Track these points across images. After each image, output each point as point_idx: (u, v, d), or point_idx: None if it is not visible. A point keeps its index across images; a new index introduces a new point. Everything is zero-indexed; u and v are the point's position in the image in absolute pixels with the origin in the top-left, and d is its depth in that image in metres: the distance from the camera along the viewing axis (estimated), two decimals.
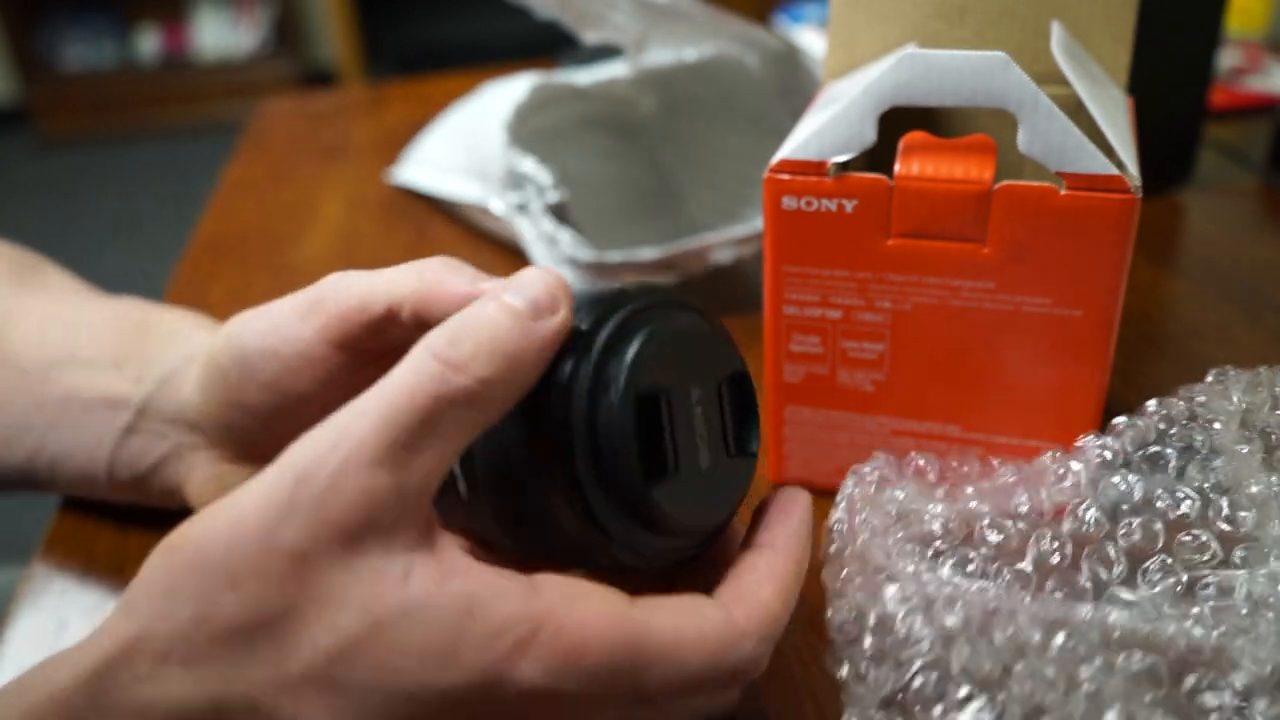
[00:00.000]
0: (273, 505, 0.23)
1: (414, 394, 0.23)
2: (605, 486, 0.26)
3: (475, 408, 0.24)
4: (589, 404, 0.25)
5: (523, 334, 0.24)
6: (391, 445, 0.23)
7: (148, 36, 3.10)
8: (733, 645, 0.25)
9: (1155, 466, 0.32)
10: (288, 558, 0.23)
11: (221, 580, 0.23)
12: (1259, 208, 0.63)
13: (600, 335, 0.26)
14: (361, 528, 0.23)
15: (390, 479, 0.23)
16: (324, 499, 0.23)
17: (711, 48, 0.58)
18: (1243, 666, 0.26)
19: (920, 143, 0.34)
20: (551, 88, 0.59)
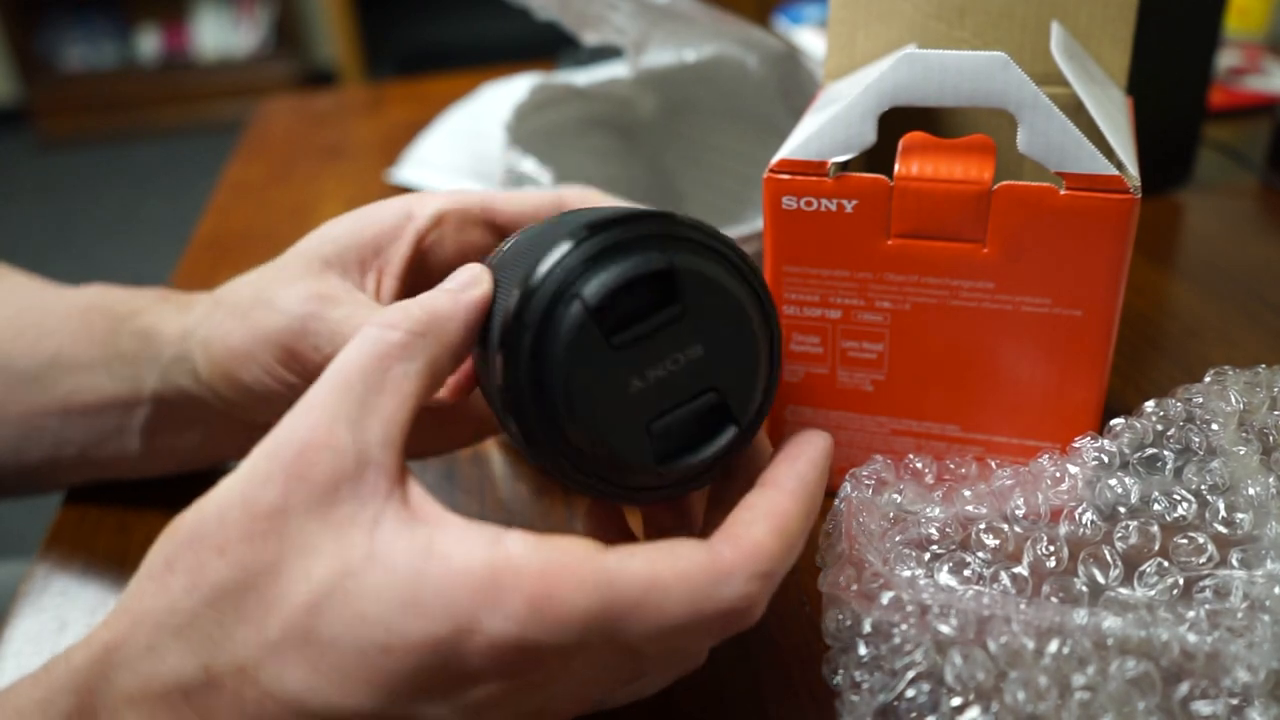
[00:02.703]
0: (254, 475, 0.25)
1: (360, 357, 0.26)
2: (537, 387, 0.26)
3: (413, 358, 0.26)
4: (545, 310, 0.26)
5: (449, 300, 0.27)
6: (348, 404, 0.25)
7: (148, 37, 3.10)
8: (717, 584, 0.24)
9: (1152, 468, 0.32)
10: (266, 517, 0.24)
11: (211, 547, 0.24)
12: (1258, 208, 0.63)
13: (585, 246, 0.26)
14: (332, 481, 0.24)
15: (350, 434, 0.25)
16: (296, 461, 0.24)
17: (711, 49, 0.58)
18: (1238, 673, 0.26)
19: (920, 143, 0.34)
20: (551, 88, 0.59)
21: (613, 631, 0.24)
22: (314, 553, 0.24)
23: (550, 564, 0.23)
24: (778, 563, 0.25)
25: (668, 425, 0.27)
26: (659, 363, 0.27)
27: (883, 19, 0.41)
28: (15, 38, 2.97)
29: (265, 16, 3.10)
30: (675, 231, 0.27)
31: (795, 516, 0.26)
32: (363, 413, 0.25)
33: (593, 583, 0.23)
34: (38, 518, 0.47)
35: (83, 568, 0.40)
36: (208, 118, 3.04)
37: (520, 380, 0.26)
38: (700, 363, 0.27)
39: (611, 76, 0.60)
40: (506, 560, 0.23)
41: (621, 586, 0.23)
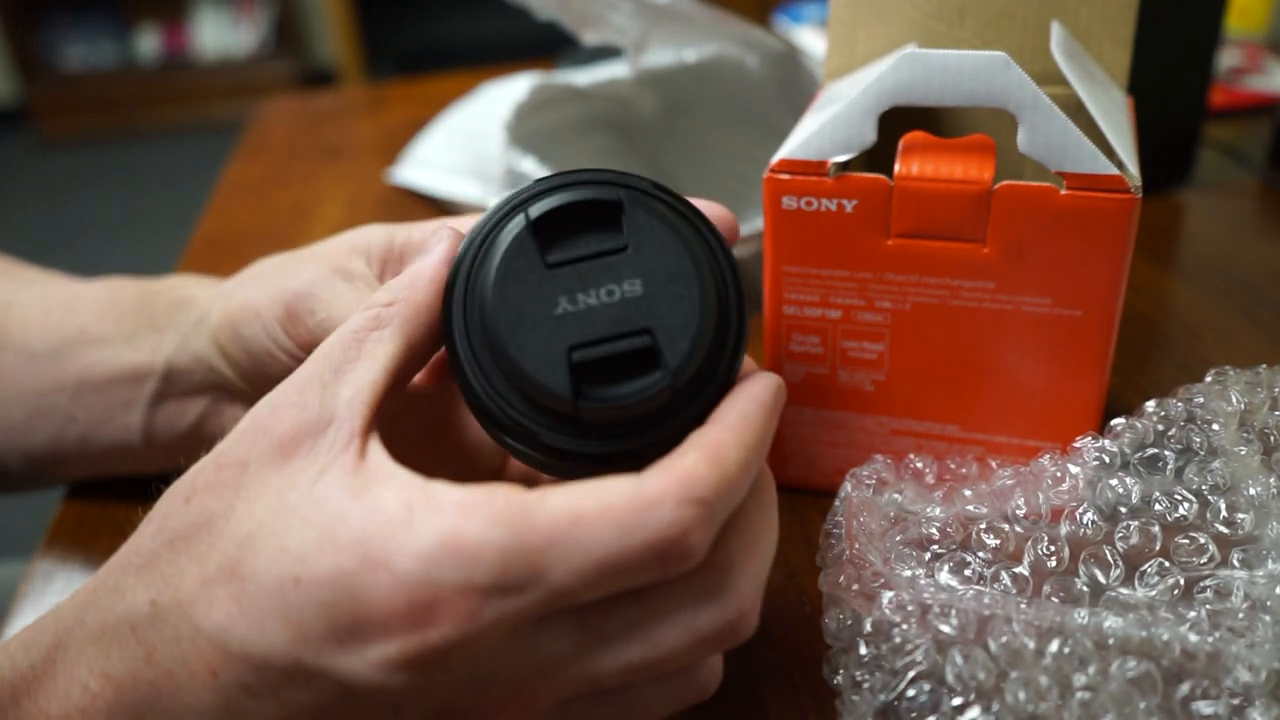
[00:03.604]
0: (229, 436, 0.26)
1: (341, 333, 0.27)
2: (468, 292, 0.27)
3: (384, 323, 0.27)
4: None
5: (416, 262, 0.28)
6: (322, 370, 0.26)
7: (148, 36, 3.10)
8: (643, 512, 0.22)
9: (1153, 468, 0.32)
10: (230, 466, 0.25)
11: (180, 497, 0.26)
12: (1259, 208, 0.63)
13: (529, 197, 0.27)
14: (292, 435, 0.25)
15: (319, 394, 0.26)
16: (265, 418, 0.26)
17: (711, 48, 0.58)
18: (1239, 673, 0.26)
19: (920, 143, 0.34)
20: (551, 88, 0.59)
21: (531, 570, 0.22)
22: (260, 497, 0.25)
23: (461, 501, 0.22)
24: (712, 490, 0.23)
25: (592, 358, 0.25)
26: (592, 290, 0.26)
27: (883, 19, 0.41)
28: (15, 38, 2.97)
29: (265, 16, 3.10)
30: (637, 184, 0.27)
31: (731, 445, 0.24)
32: (334, 376, 0.26)
33: (506, 517, 0.22)
34: (38, 517, 0.47)
35: (83, 567, 0.40)
36: (208, 118, 3.04)
37: (458, 296, 0.27)
38: (638, 302, 0.26)
39: (611, 76, 0.60)
40: (424, 499, 0.23)
41: (538, 521, 0.22)
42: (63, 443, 0.41)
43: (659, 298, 0.26)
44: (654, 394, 0.26)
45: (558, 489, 0.23)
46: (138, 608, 0.25)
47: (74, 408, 0.40)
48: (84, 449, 0.41)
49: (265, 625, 0.23)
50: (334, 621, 0.22)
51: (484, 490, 0.23)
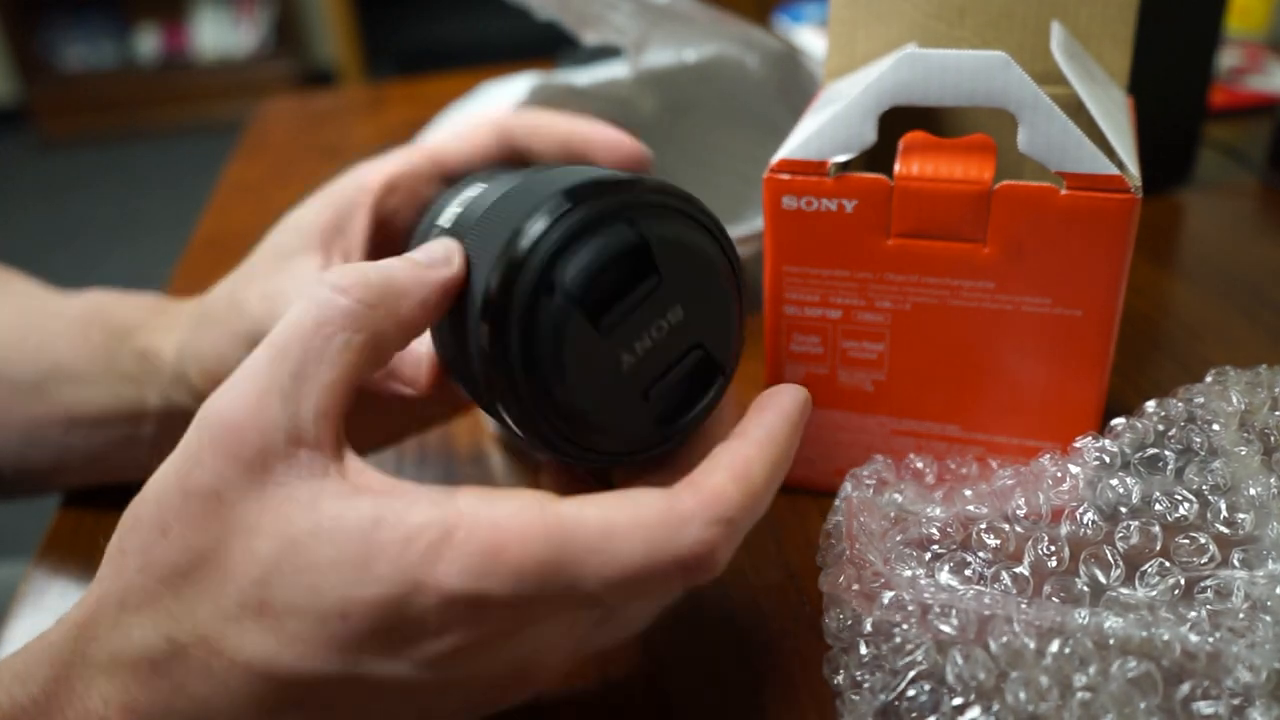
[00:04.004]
0: (186, 453, 0.25)
1: (300, 323, 0.25)
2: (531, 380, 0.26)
3: (359, 330, 0.25)
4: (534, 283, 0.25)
5: (411, 271, 0.26)
6: (281, 376, 0.24)
7: (148, 36, 3.10)
8: (675, 530, 0.23)
9: (1153, 468, 0.32)
10: (203, 497, 0.24)
11: (154, 529, 0.25)
12: (1259, 208, 0.63)
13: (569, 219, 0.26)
14: (264, 458, 0.24)
15: (283, 407, 0.24)
16: (226, 438, 0.24)
17: (711, 49, 0.58)
18: (1239, 673, 0.26)
19: (920, 143, 0.34)
20: (551, 88, 0.59)
21: (569, 581, 0.23)
22: (255, 532, 0.24)
23: (502, 516, 0.23)
24: (738, 510, 0.24)
25: (661, 390, 0.27)
26: (645, 334, 0.27)
27: (883, 19, 0.41)
28: (15, 38, 2.97)
29: (265, 16, 3.10)
30: (643, 199, 0.27)
31: (759, 464, 0.25)
32: (296, 384, 0.24)
33: (545, 533, 0.23)
34: (38, 518, 0.47)
35: (82, 568, 0.40)
36: (207, 118, 3.04)
37: (513, 370, 0.26)
38: (682, 324, 0.27)
39: (611, 76, 0.60)
40: (458, 515, 0.23)
41: (575, 535, 0.23)
42: (66, 462, 0.41)
43: (699, 312, 0.28)
44: (718, 395, 0.29)
45: (591, 501, 0.24)
46: (153, 645, 0.24)
47: (70, 439, 0.40)
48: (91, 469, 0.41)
49: (313, 653, 0.24)
50: (387, 639, 0.23)
51: (515, 502, 0.24)
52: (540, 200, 0.26)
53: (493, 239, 0.26)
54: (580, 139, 0.35)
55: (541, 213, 0.26)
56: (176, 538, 0.24)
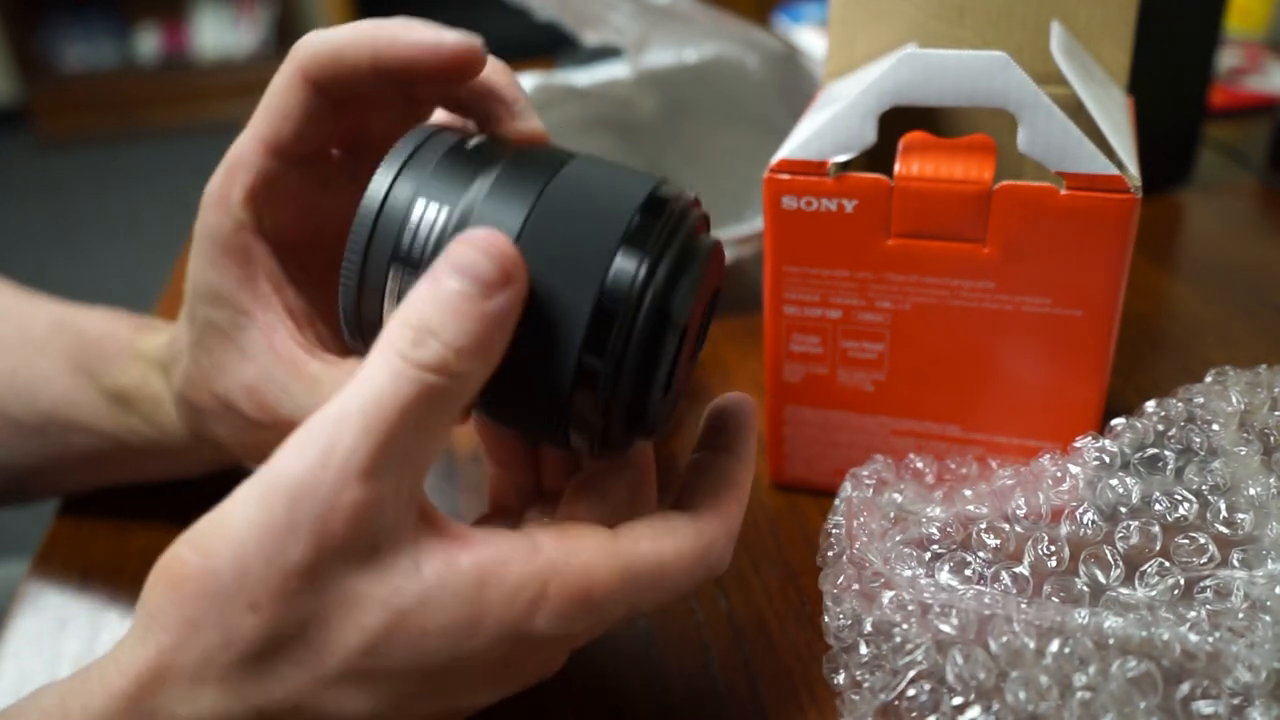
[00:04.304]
0: (274, 529, 0.23)
1: (394, 400, 0.23)
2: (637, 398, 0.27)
3: (453, 398, 0.25)
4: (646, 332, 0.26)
5: (481, 318, 0.24)
6: (381, 454, 0.23)
7: (148, 36, 3.10)
8: (706, 555, 0.28)
9: (1153, 468, 0.32)
10: (300, 576, 0.23)
11: (239, 606, 0.23)
12: (1259, 208, 0.63)
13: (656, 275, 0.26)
14: (368, 537, 0.23)
15: (387, 486, 0.24)
16: (324, 517, 0.23)
17: (711, 49, 0.58)
18: (1239, 672, 0.26)
19: (920, 143, 0.34)
20: (551, 88, 0.59)
21: (633, 606, 0.27)
22: (360, 605, 0.24)
23: (586, 563, 0.25)
24: (739, 522, 0.29)
25: None
26: None
27: (883, 19, 0.41)
28: (15, 37, 2.97)
29: (265, 16, 3.10)
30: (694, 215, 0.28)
31: (749, 478, 0.30)
32: (400, 463, 0.24)
33: (619, 575, 0.26)
34: (38, 518, 0.47)
35: (82, 569, 0.40)
36: (207, 118, 3.04)
37: (617, 389, 0.26)
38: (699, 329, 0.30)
39: (611, 76, 0.60)
40: (551, 568, 0.25)
41: (639, 572, 0.26)
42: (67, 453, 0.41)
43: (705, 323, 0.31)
44: None
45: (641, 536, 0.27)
46: (236, 715, 0.24)
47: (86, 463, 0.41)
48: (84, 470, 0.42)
49: (418, 701, 0.25)
50: (486, 675, 0.26)
51: (589, 545, 0.26)
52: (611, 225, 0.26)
53: (566, 267, 0.26)
54: (393, 58, 0.29)
55: (636, 245, 0.26)
56: (269, 615, 0.23)
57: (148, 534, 0.41)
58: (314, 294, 0.33)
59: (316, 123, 0.30)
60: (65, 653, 0.36)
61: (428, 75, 0.29)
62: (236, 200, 0.31)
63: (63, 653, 0.36)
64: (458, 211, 0.27)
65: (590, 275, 0.26)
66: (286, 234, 0.32)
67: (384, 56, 0.28)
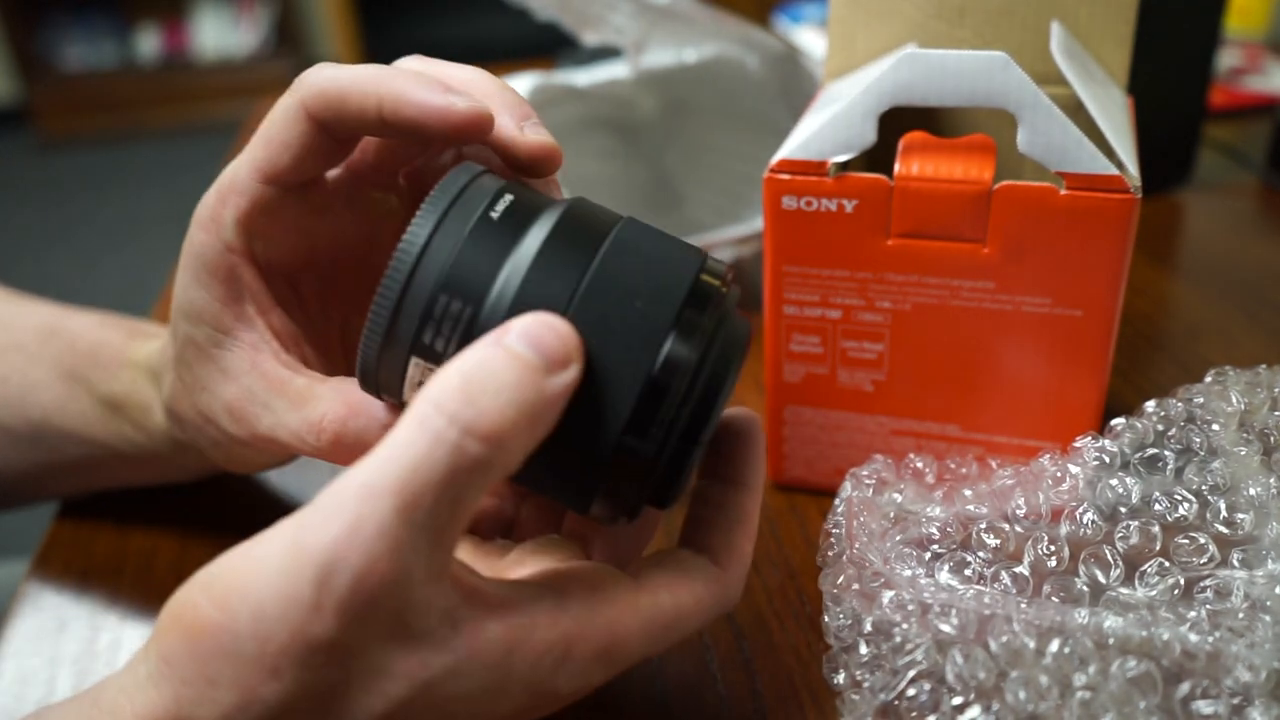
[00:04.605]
0: (299, 601, 0.22)
1: (431, 472, 0.22)
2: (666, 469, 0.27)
3: (494, 472, 0.23)
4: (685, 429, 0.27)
5: (538, 393, 0.23)
6: (415, 528, 0.22)
7: (148, 36, 3.10)
8: (721, 598, 0.28)
9: (1153, 468, 0.32)
10: (326, 649, 0.22)
11: (262, 671, 0.22)
12: (1259, 208, 0.63)
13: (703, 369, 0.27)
14: (399, 614, 0.23)
15: (418, 561, 0.23)
16: (353, 596, 0.22)
17: (711, 49, 0.58)
18: (1238, 672, 0.26)
19: (920, 143, 0.34)
20: (551, 88, 0.59)
21: (648, 652, 0.27)
22: (386, 675, 0.23)
23: (610, 622, 0.26)
24: (751, 558, 0.30)
25: None
26: None
27: (883, 19, 0.41)
28: (15, 38, 2.97)
29: (265, 16, 3.10)
30: (729, 303, 0.28)
31: (758, 512, 0.30)
32: (435, 537, 0.23)
33: (642, 628, 0.26)
34: (38, 519, 0.47)
35: (82, 569, 0.40)
36: (207, 118, 3.04)
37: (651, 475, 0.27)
38: None
39: (611, 76, 0.60)
40: (578, 630, 0.25)
41: (659, 622, 0.27)
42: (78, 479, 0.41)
43: None
44: None
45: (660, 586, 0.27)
46: None
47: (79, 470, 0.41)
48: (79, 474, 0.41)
49: None
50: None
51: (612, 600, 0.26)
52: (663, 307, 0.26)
53: (617, 346, 0.26)
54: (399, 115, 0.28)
55: (683, 333, 0.26)
56: (291, 682, 0.22)
57: (147, 534, 0.41)
58: (303, 316, 0.33)
59: (316, 155, 0.30)
60: (65, 653, 0.36)
61: (433, 135, 0.28)
62: (228, 223, 0.30)
63: (63, 653, 0.36)
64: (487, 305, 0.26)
65: (641, 358, 0.25)
66: (278, 257, 0.32)
67: (389, 110, 0.28)
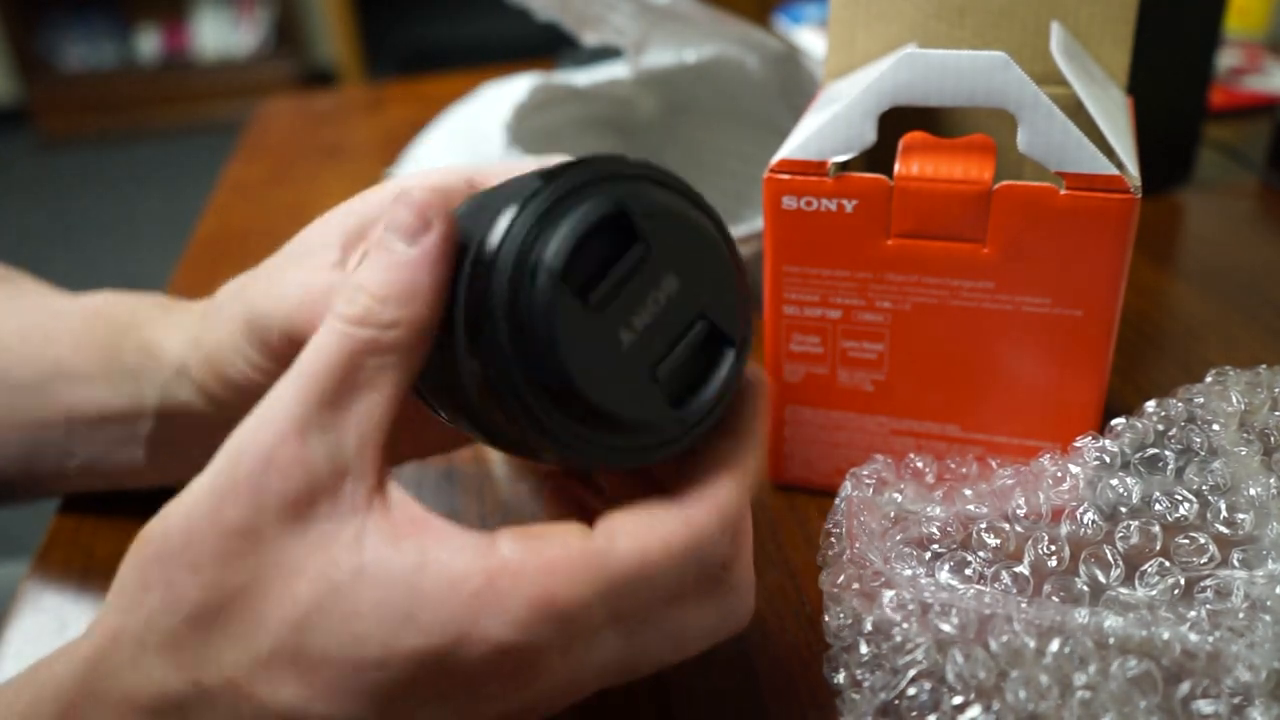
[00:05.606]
0: (216, 488, 0.23)
1: (326, 356, 0.24)
2: (528, 375, 0.24)
3: (387, 352, 0.24)
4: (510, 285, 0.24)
5: (406, 265, 0.24)
6: (317, 410, 0.23)
7: (148, 36, 3.10)
8: (696, 547, 0.25)
9: (1153, 468, 0.32)
10: (238, 536, 0.23)
11: (183, 565, 0.23)
12: (1259, 208, 0.63)
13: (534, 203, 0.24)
14: (304, 495, 0.23)
15: (322, 442, 0.23)
16: (262, 474, 0.23)
17: (711, 49, 0.58)
18: (1239, 672, 0.26)
19: (920, 143, 0.34)
20: (551, 89, 0.59)
21: (614, 612, 0.24)
22: (295, 572, 0.23)
23: (545, 563, 0.23)
24: (739, 511, 0.26)
25: (670, 367, 0.25)
26: (641, 307, 0.25)
27: (883, 19, 0.41)
28: (15, 37, 2.97)
29: (265, 16, 3.10)
30: (620, 170, 0.26)
31: (751, 464, 0.27)
32: (334, 416, 0.24)
33: (588, 575, 0.23)
34: (38, 519, 0.47)
35: (82, 569, 0.40)
36: (208, 118, 3.04)
37: (505, 372, 0.24)
38: (681, 294, 0.26)
39: (611, 77, 0.60)
40: (503, 566, 0.23)
41: (614, 571, 0.24)
42: (65, 470, 0.40)
43: (696, 282, 0.26)
44: (732, 370, 0.26)
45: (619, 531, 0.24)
46: (175, 687, 0.24)
47: (70, 443, 0.40)
48: (89, 474, 0.41)
49: (348, 701, 0.23)
50: (426, 689, 0.23)
51: (555, 544, 0.24)
52: (514, 190, 0.25)
53: (468, 236, 0.25)
54: None
55: (513, 201, 0.24)
56: (208, 576, 0.23)
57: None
58: None
59: None
60: None
61: None
62: None
63: None
64: None
65: (474, 237, 0.24)
66: None
67: None
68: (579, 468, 0.27)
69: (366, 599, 0.23)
